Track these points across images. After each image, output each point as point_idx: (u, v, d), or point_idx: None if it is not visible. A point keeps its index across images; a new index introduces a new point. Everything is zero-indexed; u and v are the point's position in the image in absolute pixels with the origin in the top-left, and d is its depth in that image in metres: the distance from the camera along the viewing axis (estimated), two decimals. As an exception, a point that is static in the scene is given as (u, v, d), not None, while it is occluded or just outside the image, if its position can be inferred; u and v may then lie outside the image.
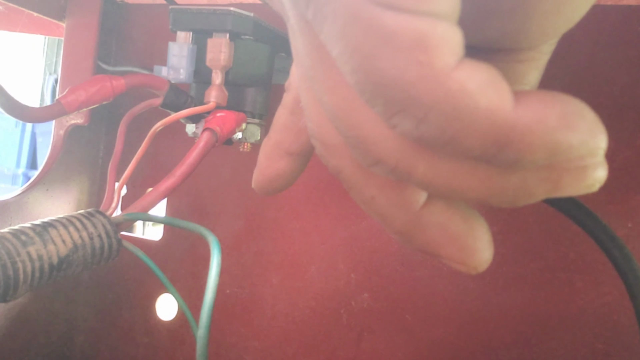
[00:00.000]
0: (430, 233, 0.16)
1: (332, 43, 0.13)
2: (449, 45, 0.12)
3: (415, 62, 0.12)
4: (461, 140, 0.12)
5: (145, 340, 0.53)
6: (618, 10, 0.39)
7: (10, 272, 0.28)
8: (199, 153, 0.37)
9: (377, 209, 0.17)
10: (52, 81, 2.25)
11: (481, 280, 0.42)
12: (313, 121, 0.17)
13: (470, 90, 0.12)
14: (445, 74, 0.12)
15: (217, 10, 0.39)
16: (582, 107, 0.13)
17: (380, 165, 0.15)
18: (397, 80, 0.12)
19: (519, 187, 0.14)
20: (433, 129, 0.12)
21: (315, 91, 0.15)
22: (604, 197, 0.39)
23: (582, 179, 0.13)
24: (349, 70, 0.13)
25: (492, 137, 0.12)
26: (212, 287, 0.30)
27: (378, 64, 0.12)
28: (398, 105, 0.12)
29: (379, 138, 0.14)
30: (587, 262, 0.39)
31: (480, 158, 0.13)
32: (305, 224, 0.47)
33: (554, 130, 0.12)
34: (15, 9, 0.46)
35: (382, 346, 0.45)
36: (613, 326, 0.39)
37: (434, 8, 0.11)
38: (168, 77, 0.40)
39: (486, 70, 0.12)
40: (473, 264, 0.16)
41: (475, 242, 0.16)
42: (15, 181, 2.30)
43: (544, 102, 0.12)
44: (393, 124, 0.13)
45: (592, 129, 0.13)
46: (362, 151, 0.15)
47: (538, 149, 0.12)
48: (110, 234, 0.34)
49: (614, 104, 0.39)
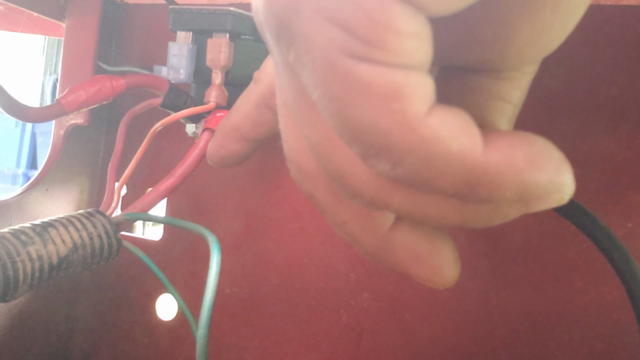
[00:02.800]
0: (399, 254, 0.17)
1: (311, 88, 0.13)
2: (420, 94, 0.12)
3: (390, 111, 0.12)
4: (435, 182, 0.13)
5: (145, 340, 0.53)
6: (618, 10, 0.39)
7: (10, 272, 0.28)
8: (198, 153, 0.38)
9: (348, 233, 0.18)
10: (52, 81, 2.25)
11: (481, 280, 0.42)
12: (290, 146, 0.17)
13: (442, 136, 0.12)
14: (418, 121, 0.12)
15: (217, 10, 0.39)
16: (548, 146, 0.14)
17: (358, 198, 0.16)
18: (372, 127, 0.12)
19: (492, 211, 0.15)
20: (408, 171, 0.13)
21: (298, 123, 0.16)
22: (604, 197, 0.39)
23: (551, 198, 0.14)
24: (327, 115, 0.13)
25: (464, 179, 0.13)
26: (212, 286, 0.30)
27: (354, 111, 0.12)
28: (374, 149, 0.13)
29: (357, 174, 0.15)
30: (586, 261, 0.39)
31: (453, 196, 0.14)
32: (305, 224, 0.47)
33: (522, 171, 0.13)
34: (15, 9, 0.46)
35: (382, 346, 0.45)
36: (613, 326, 0.39)
37: (406, 61, 0.12)
38: (168, 77, 0.40)
39: (457, 115, 0.13)
40: (440, 282, 0.17)
41: (441, 262, 0.17)
42: (15, 181, 2.30)
43: (512, 143, 0.13)
44: (370, 164, 0.14)
45: (558, 168, 0.13)
46: (341, 185, 0.16)
47: (508, 189, 0.13)
48: (110, 234, 0.34)
49: (613, 104, 0.39)
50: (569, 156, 0.14)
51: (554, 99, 0.40)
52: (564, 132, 0.40)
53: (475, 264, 0.42)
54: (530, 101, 0.41)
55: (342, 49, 0.12)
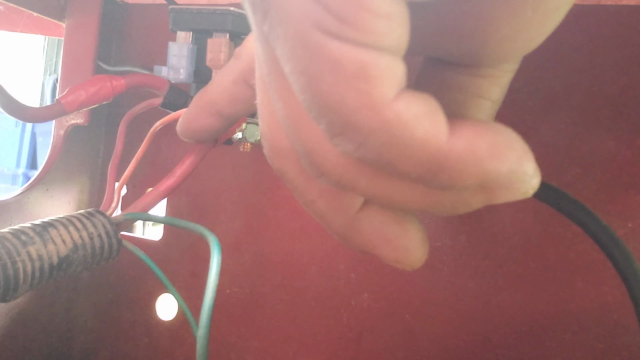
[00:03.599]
0: (366, 235, 0.17)
1: (283, 61, 0.13)
2: (389, 77, 0.12)
3: (356, 91, 0.12)
4: (398, 166, 0.13)
5: (145, 340, 0.53)
6: (618, 10, 0.39)
7: (11, 272, 0.28)
8: (199, 153, 0.37)
9: (316, 212, 0.18)
10: (52, 81, 2.25)
11: (481, 280, 0.42)
12: (264, 122, 0.17)
13: (406, 120, 0.12)
14: (384, 104, 0.12)
15: (217, 10, 0.39)
16: (512, 137, 0.13)
17: (324, 177, 0.16)
18: (338, 106, 0.13)
19: (456, 200, 0.15)
20: (371, 153, 0.13)
21: (270, 97, 0.16)
22: (604, 197, 0.39)
23: (514, 191, 0.14)
24: (297, 89, 0.13)
25: (426, 165, 0.13)
26: (212, 286, 0.30)
27: (322, 87, 0.13)
28: (339, 128, 0.13)
29: (325, 153, 0.15)
30: (587, 262, 0.39)
31: (416, 181, 0.14)
32: (305, 224, 0.47)
33: (483, 160, 0.13)
34: (15, 9, 0.46)
35: (382, 346, 0.45)
36: (613, 326, 0.39)
37: (378, 42, 0.12)
38: (168, 77, 0.40)
39: (424, 101, 0.13)
40: (407, 262, 0.17)
41: (408, 243, 0.17)
42: (15, 181, 2.30)
43: (476, 132, 0.13)
44: (335, 143, 0.14)
45: (520, 159, 0.13)
46: (308, 162, 0.16)
47: (469, 177, 0.13)
48: (111, 234, 0.34)
49: (613, 104, 0.39)
50: (570, 156, 0.14)
51: (554, 99, 0.40)
52: (564, 132, 0.40)
53: (476, 264, 0.42)
54: (530, 101, 0.41)
55: (315, 23, 0.12)
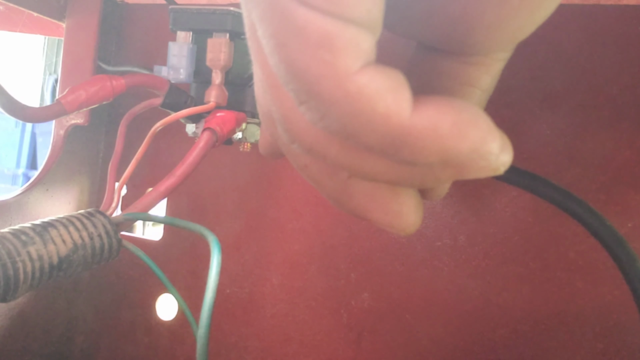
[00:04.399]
0: (358, 199, 0.17)
1: (257, 24, 0.13)
2: (354, 49, 0.12)
3: (320, 60, 0.12)
4: (360, 138, 0.13)
5: (145, 340, 0.53)
6: (618, 10, 0.39)
7: (11, 272, 0.28)
8: (199, 153, 0.37)
9: (310, 176, 0.18)
10: (52, 81, 2.25)
11: (481, 280, 0.42)
12: (257, 88, 0.18)
13: (368, 94, 0.12)
14: (346, 76, 0.12)
15: (217, 10, 0.39)
16: (477, 115, 0.13)
17: (297, 144, 0.16)
18: (302, 73, 0.13)
19: (425, 173, 0.15)
20: (334, 124, 0.13)
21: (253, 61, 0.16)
22: (604, 197, 0.39)
23: (481, 168, 0.14)
24: (268, 52, 0.13)
25: (388, 140, 0.13)
26: (213, 286, 0.30)
27: (288, 54, 0.13)
28: (304, 96, 0.13)
29: (297, 119, 0.15)
30: (587, 261, 0.39)
31: (380, 154, 0.14)
32: (305, 224, 0.47)
33: (444, 137, 0.13)
34: (15, 9, 0.46)
35: (382, 346, 0.45)
36: (613, 326, 0.39)
37: (345, 12, 0.12)
38: (168, 77, 0.40)
39: (389, 76, 0.13)
40: (400, 227, 0.17)
41: (401, 207, 0.17)
42: (15, 181, 2.30)
43: (440, 109, 0.13)
44: (302, 110, 0.14)
45: (483, 137, 0.13)
46: (282, 128, 0.16)
47: (430, 154, 0.13)
48: (111, 234, 0.34)
49: (614, 104, 0.39)
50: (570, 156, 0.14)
51: (554, 99, 0.40)
52: (564, 132, 0.40)
53: (476, 264, 0.42)
54: (530, 101, 0.41)
55: None
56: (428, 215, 0.44)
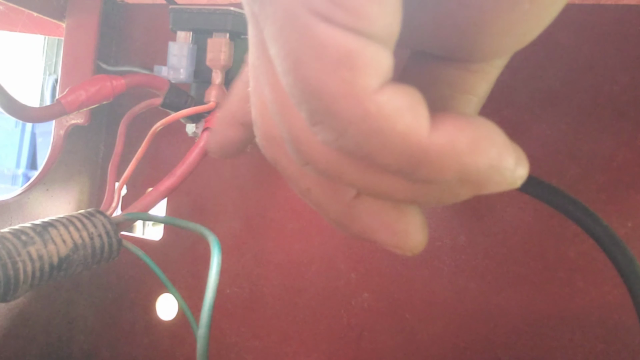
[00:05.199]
0: (364, 221, 0.17)
1: (270, 42, 0.13)
2: (375, 67, 0.12)
3: (339, 78, 0.12)
4: (377, 158, 0.13)
5: (145, 340, 0.53)
6: (618, 10, 0.39)
7: (11, 272, 0.28)
8: (199, 153, 0.38)
9: (312, 200, 0.17)
10: (52, 81, 2.25)
11: (481, 280, 0.42)
12: (256, 110, 0.17)
13: (387, 113, 0.12)
14: (366, 95, 0.12)
15: (217, 10, 0.39)
16: (492, 131, 0.13)
17: (310, 166, 0.15)
18: (320, 92, 0.12)
19: (443, 190, 0.14)
20: (350, 144, 0.13)
21: (259, 81, 0.16)
22: (604, 197, 0.39)
23: (501, 182, 0.14)
24: (281, 72, 0.13)
25: (406, 159, 0.13)
26: (213, 286, 0.30)
27: (305, 72, 0.12)
28: (319, 116, 0.13)
29: (310, 140, 0.15)
30: (587, 261, 0.39)
31: (397, 174, 0.14)
32: (305, 224, 0.47)
33: (463, 155, 0.13)
34: (15, 9, 0.46)
35: (382, 345, 0.45)
36: (614, 326, 0.39)
37: (367, 28, 0.12)
38: (168, 77, 0.40)
39: (408, 95, 0.13)
40: (407, 247, 0.17)
41: (407, 227, 0.17)
42: (15, 181, 2.30)
43: (457, 127, 0.13)
44: (315, 131, 0.14)
45: (500, 153, 0.13)
46: (294, 150, 0.15)
47: (448, 171, 0.13)
48: (111, 234, 0.34)
49: (614, 103, 0.39)
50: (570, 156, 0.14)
51: (554, 99, 0.40)
52: (564, 132, 0.40)
53: (476, 264, 0.42)
54: (530, 101, 0.41)
55: (304, 3, 0.12)
56: (428, 215, 0.44)
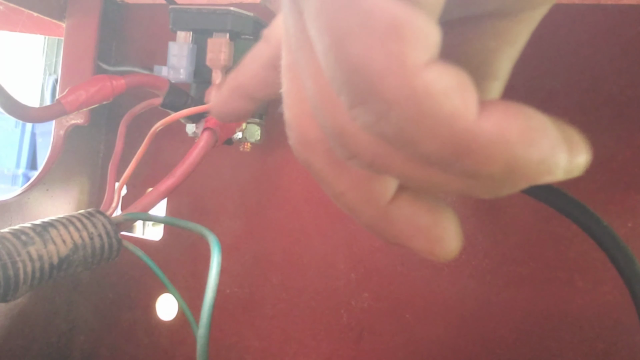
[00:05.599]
0: (398, 226, 0.16)
1: (310, 21, 0.12)
2: (424, 40, 0.11)
3: (386, 52, 0.11)
4: (419, 144, 0.12)
5: (145, 340, 0.53)
6: (618, 10, 0.39)
7: (11, 272, 0.28)
8: (199, 153, 0.38)
9: (346, 204, 0.17)
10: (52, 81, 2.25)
11: (481, 280, 0.42)
12: (291, 111, 0.17)
13: (435, 93, 0.11)
14: (414, 71, 0.11)
15: (217, 10, 0.39)
16: (546, 123, 0.12)
17: (356, 159, 0.15)
18: (364, 68, 0.11)
19: (488, 182, 0.13)
20: (392, 127, 0.12)
21: (300, 74, 0.15)
22: (604, 197, 0.39)
23: (550, 179, 0.13)
24: (321, 52, 0.12)
25: (450, 146, 0.12)
26: (213, 286, 0.30)
27: (348, 46, 0.11)
28: (362, 95, 0.12)
29: (356, 131, 0.14)
30: (587, 261, 0.39)
31: (437, 165, 0.13)
32: (305, 223, 0.47)
33: (514, 145, 0.12)
34: (16, 9, 0.46)
35: (382, 345, 0.45)
36: (613, 325, 0.39)
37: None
38: (168, 77, 0.40)
39: (456, 75, 0.12)
40: (441, 254, 0.16)
41: (442, 233, 0.16)
42: (15, 181, 2.30)
43: (508, 114, 0.12)
44: (354, 115, 0.13)
45: (553, 147, 0.12)
46: (339, 144, 0.15)
47: (496, 163, 0.12)
48: (111, 234, 0.34)
49: (613, 103, 0.39)
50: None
51: (554, 99, 0.40)
52: (564, 131, 0.40)
53: (476, 263, 0.42)
54: (530, 101, 0.41)
55: None
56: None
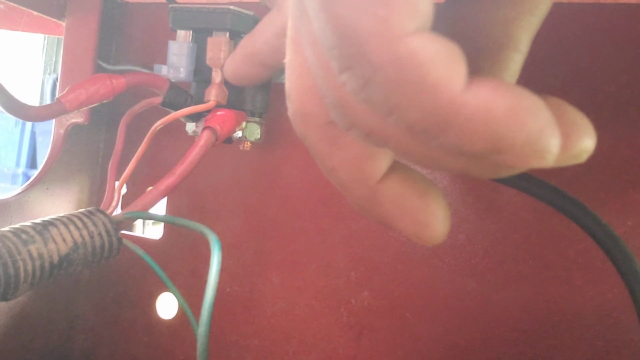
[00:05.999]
0: (386, 207, 0.17)
1: None
2: (412, 8, 0.11)
3: (372, 15, 0.11)
4: (404, 112, 0.12)
5: (145, 338, 0.53)
6: (618, 10, 0.39)
7: (11, 271, 0.29)
8: (199, 152, 0.38)
9: (337, 180, 0.17)
10: (52, 80, 2.25)
11: (481, 279, 0.42)
12: (292, 83, 0.17)
13: (419, 60, 0.11)
14: (399, 37, 0.11)
15: (217, 9, 0.39)
16: (538, 104, 0.12)
17: (355, 129, 0.15)
18: (351, 31, 0.11)
19: (480, 162, 0.13)
20: (377, 93, 0.12)
21: (302, 43, 0.15)
22: (604, 196, 0.39)
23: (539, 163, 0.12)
24: (313, 16, 0.12)
25: (433, 117, 0.12)
26: (213, 285, 0.30)
27: (337, 9, 0.11)
28: (349, 59, 0.12)
29: (355, 101, 0.14)
30: (586, 259, 0.39)
31: (421, 135, 0.12)
32: (305, 222, 0.47)
33: (499, 122, 0.11)
34: (16, 8, 0.46)
35: (383, 344, 0.45)
36: (613, 324, 0.39)
37: None
38: (168, 76, 0.40)
39: (445, 46, 0.12)
40: (426, 237, 0.16)
41: (429, 217, 0.16)
42: (15, 180, 2.30)
43: (497, 90, 0.11)
44: (342, 80, 0.13)
45: (542, 130, 0.12)
46: (338, 113, 0.15)
47: (479, 140, 0.12)
48: (111, 233, 0.34)
49: (613, 102, 0.39)
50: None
51: (554, 98, 0.40)
52: (563, 130, 0.40)
53: (475, 262, 0.42)
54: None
55: None
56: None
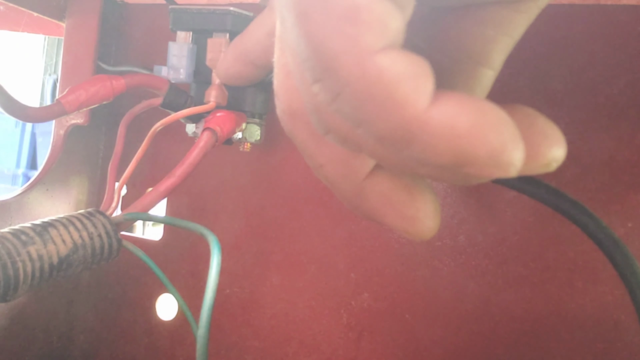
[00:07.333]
0: (373, 202, 0.17)
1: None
2: (381, 27, 0.11)
3: (342, 33, 0.11)
4: (371, 125, 0.12)
5: (145, 340, 0.53)
6: (618, 10, 0.39)
7: (11, 272, 0.28)
8: (198, 153, 0.38)
9: (325, 177, 0.17)
10: (52, 81, 2.25)
11: (481, 280, 0.42)
12: (279, 82, 0.17)
13: (386, 78, 0.12)
14: (367, 54, 0.12)
15: (217, 10, 0.39)
16: (502, 118, 0.12)
17: (332, 135, 0.15)
18: (322, 47, 0.12)
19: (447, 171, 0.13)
20: (347, 106, 0.12)
21: (284, 52, 0.15)
22: (604, 197, 0.39)
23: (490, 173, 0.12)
24: (289, 28, 0.13)
25: (400, 131, 0.12)
26: (212, 286, 0.30)
27: (309, 25, 0.12)
28: (320, 73, 0.12)
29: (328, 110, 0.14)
30: (586, 261, 0.39)
31: (393, 149, 0.13)
32: (305, 224, 0.47)
33: (461, 138, 0.12)
34: (16, 9, 0.46)
35: (382, 346, 0.45)
36: (613, 326, 0.39)
37: None
38: (168, 77, 0.40)
39: (414, 63, 0.12)
40: (415, 232, 0.16)
41: (417, 212, 0.16)
42: (15, 181, 2.30)
43: (462, 107, 0.12)
44: (315, 91, 0.13)
45: (504, 143, 0.12)
46: (315, 119, 0.15)
47: (443, 154, 0.12)
48: (111, 234, 0.34)
49: (613, 103, 0.39)
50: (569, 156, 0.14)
51: (554, 99, 0.40)
52: (564, 132, 0.40)
53: (475, 263, 0.42)
54: (530, 101, 0.41)
55: None
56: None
